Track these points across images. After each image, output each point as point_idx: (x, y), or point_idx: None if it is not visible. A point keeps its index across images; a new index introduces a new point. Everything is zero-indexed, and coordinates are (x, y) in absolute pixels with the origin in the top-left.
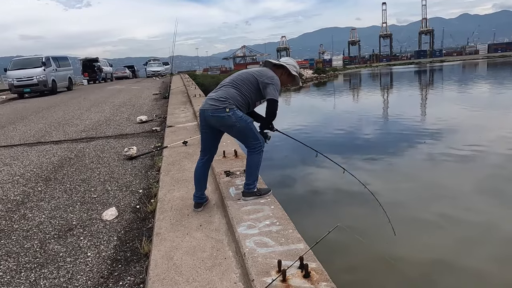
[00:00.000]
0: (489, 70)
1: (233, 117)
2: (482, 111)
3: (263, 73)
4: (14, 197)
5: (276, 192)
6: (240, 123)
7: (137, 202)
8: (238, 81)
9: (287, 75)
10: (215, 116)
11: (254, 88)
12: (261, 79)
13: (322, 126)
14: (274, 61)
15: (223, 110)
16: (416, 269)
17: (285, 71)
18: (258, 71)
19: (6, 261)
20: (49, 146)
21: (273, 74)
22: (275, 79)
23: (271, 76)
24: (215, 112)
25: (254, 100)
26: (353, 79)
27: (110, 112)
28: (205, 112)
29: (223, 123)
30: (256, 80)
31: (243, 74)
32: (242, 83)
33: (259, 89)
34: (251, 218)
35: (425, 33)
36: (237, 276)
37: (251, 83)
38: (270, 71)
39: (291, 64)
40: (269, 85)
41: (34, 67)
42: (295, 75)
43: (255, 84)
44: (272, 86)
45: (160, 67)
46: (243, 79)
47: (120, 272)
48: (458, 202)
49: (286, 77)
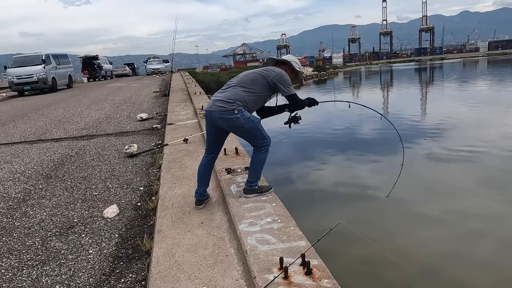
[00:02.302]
0: (489, 67)
1: (242, 119)
2: (482, 108)
3: (270, 71)
4: (15, 195)
5: (278, 189)
6: (248, 124)
7: (138, 199)
8: (247, 81)
9: (291, 71)
10: (223, 118)
11: (266, 87)
12: (270, 79)
13: (323, 123)
14: (277, 58)
15: (231, 112)
16: (417, 266)
17: (288, 67)
18: (264, 70)
19: (8, 258)
20: (49, 143)
21: (280, 69)
22: (282, 74)
23: (279, 72)
24: (224, 114)
25: (265, 98)
26: (353, 76)
27: (110, 109)
28: (212, 113)
29: (232, 125)
30: (265, 80)
31: (250, 75)
32: (252, 84)
33: (270, 87)
34: (253, 215)
35: (425, 31)
36: (239, 273)
37: (262, 83)
38: (276, 68)
39: (293, 61)
40: (281, 83)
41: (34, 65)
42: (298, 71)
43: (266, 84)
44: (283, 83)
45: (160, 65)
46: (252, 80)
47: (121, 269)
48: (459, 198)
49: (289, 74)
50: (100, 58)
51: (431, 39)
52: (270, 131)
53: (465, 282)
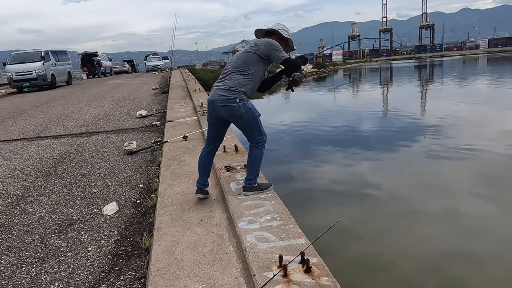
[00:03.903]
0: (489, 65)
1: (243, 108)
2: (481, 106)
3: (258, 44)
4: (14, 192)
5: (277, 187)
6: (248, 115)
7: (138, 197)
8: (241, 64)
9: (280, 40)
10: (224, 107)
11: (260, 61)
12: (261, 51)
13: (322, 121)
14: (264, 29)
15: (233, 101)
16: (417, 264)
17: (277, 36)
18: (253, 45)
19: (7, 255)
20: (48, 140)
21: (266, 38)
22: (270, 42)
23: (265, 41)
24: (225, 103)
25: (262, 75)
26: (353, 73)
27: (110, 106)
28: (214, 102)
29: (232, 114)
30: (256, 55)
31: (243, 55)
32: (246, 64)
33: (263, 60)
34: (252, 213)
35: (425, 28)
36: (238, 271)
37: (254, 59)
38: (262, 39)
39: (281, 29)
40: (272, 51)
41: (33, 61)
42: (288, 38)
43: (259, 58)
44: (273, 51)
45: (160, 62)
46: (245, 60)
47: (121, 266)
48: (459, 196)
49: (280, 43)
50: (100, 55)
51: (431, 36)
52: (269, 128)
53: (464, 279)
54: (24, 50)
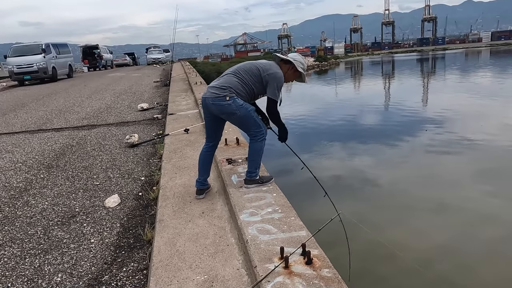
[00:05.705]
0: (491, 58)
1: (233, 105)
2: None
3: (267, 67)
4: (17, 184)
5: (278, 179)
6: (240, 111)
7: (140, 189)
8: (241, 71)
9: (294, 71)
10: (215, 104)
11: (257, 80)
12: (264, 74)
13: (324, 114)
14: (282, 56)
15: (223, 98)
16: (417, 256)
17: (291, 66)
18: (263, 65)
19: (11, 247)
20: (50, 133)
21: (278, 69)
22: (278, 76)
23: (275, 72)
24: (216, 100)
25: (256, 92)
26: (355, 66)
27: (111, 99)
28: (206, 100)
29: (224, 111)
30: (259, 73)
31: (247, 65)
32: (245, 74)
33: (262, 82)
34: (253, 205)
35: (428, 21)
36: (240, 263)
37: (255, 75)
38: (275, 66)
39: (298, 61)
40: (271, 83)
41: (34, 54)
42: (302, 72)
43: (258, 77)
44: (274, 85)
45: (161, 55)
46: (247, 70)
47: (123, 258)
48: (459, 189)
49: (292, 73)
50: (100, 48)
51: (434, 29)
52: None
53: (465, 272)
54: (25, 43)
